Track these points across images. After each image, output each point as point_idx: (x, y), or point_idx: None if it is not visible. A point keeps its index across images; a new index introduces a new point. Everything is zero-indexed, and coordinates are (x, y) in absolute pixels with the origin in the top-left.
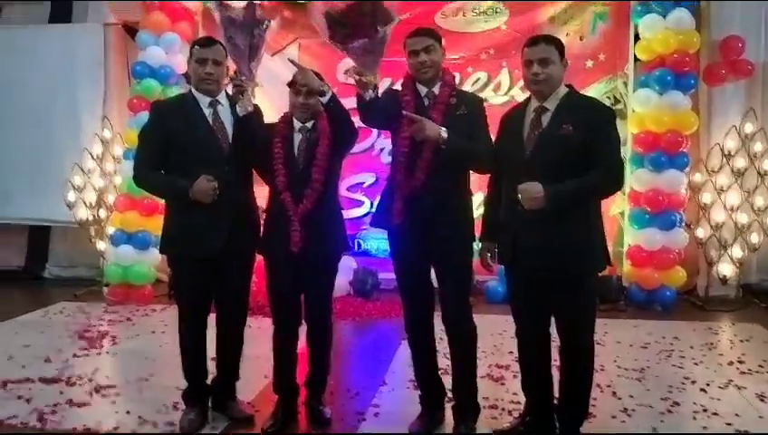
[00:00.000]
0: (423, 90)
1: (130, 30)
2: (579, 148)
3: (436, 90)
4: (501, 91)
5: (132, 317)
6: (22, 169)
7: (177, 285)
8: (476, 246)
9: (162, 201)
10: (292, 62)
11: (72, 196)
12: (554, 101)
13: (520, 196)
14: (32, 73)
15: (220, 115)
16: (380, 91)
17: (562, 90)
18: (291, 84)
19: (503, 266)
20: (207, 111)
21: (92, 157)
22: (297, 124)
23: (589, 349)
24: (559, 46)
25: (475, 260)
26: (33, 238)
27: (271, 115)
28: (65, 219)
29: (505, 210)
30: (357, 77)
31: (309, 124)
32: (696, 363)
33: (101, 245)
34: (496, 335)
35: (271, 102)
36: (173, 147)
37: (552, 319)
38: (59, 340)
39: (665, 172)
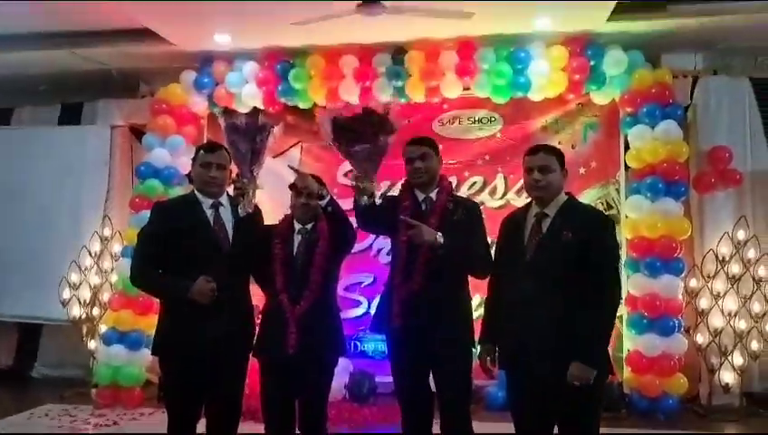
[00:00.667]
0: (421, 195)
1: (137, 132)
2: (577, 253)
3: (433, 195)
4: (497, 195)
5: (120, 421)
6: (19, 266)
7: (168, 387)
8: (476, 350)
9: (157, 300)
10: (291, 167)
11: (67, 293)
12: (554, 208)
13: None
14: (39, 173)
15: (221, 216)
16: (379, 195)
17: (562, 197)
18: (292, 187)
19: (503, 371)
20: (209, 212)
21: (90, 254)
22: (297, 226)
23: None
24: (559, 156)
25: (475, 363)
26: (23, 336)
27: (273, 216)
28: (58, 317)
29: (506, 314)
30: (354, 183)
31: (309, 226)
32: None
33: (92, 344)
34: None
35: (272, 203)
36: (173, 246)
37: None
38: None
39: (661, 277)
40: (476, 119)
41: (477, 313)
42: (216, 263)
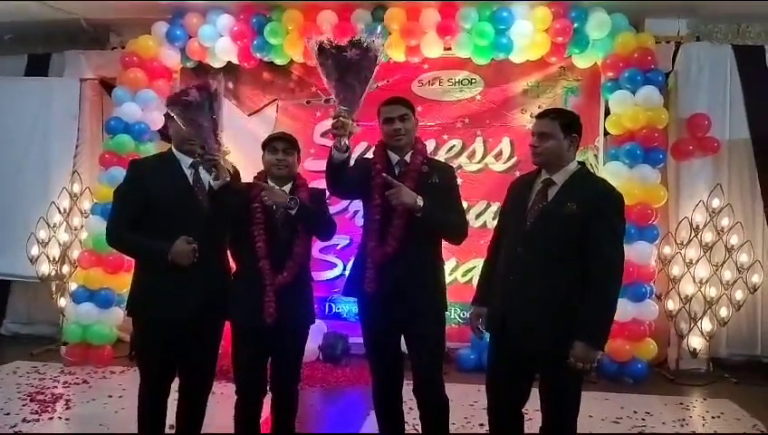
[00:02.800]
0: (395, 157)
1: (107, 85)
2: (580, 227)
3: (407, 158)
4: (475, 159)
5: (89, 379)
6: None
7: (142, 348)
8: (449, 314)
9: (129, 259)
10: (259, 185)
11: (35, 250)
12: (563, 176)
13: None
14: (5, 125)
15: (201, 176)
16: (353, 157)
17: (573, 166)
18: (264, 146)
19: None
20: (188, 172)
21: (59, 211)
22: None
23: (571, 431)
24: (566, 122)
25: (448, 327)
26: None
27: (250, 175)
28: (26, 274)
29: (500, 279)
30: (335, 120)
31: (286, 188)
32: None
33: (62, 302)
34: (467, 407)
35: (248, 161)
36: (151, 206)
37: (532, 399)
38: (9, 403)
39: (635, 244)
40: (457, 80)
41: (452, 277)
42: (196, 224)
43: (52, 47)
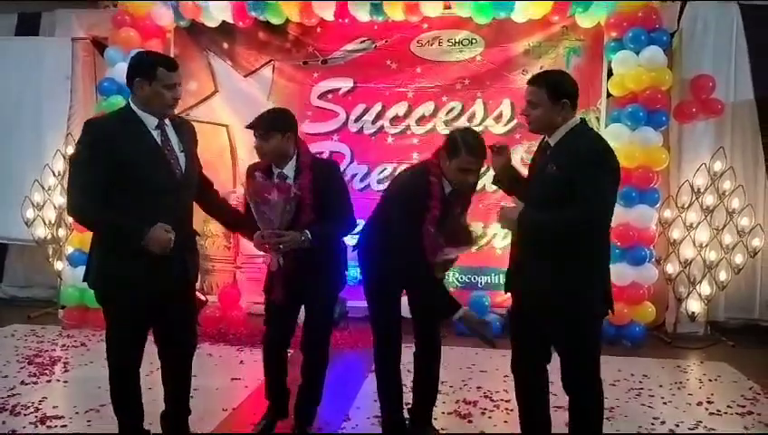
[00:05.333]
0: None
1: (99, 45)
2: (564, 188)
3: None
4: (475, 121)
5: (87, 342)
6: None
7: (115, 326)
8: (447, 278)
9: None
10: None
11: (30, 213)
12: (555, 138)
13: (498, 216)
14: None
15: (170, 138)
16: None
17: (565, 128)
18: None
19: (473, 298)
20: (155, 133)
21: (54, 173)
22: (276, 169)
23: (587, 393)
24: (549, 86)
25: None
26: None
27: (246, 139)
28: (23, 237)
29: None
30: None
31: (286, 170)
32: (665, 403)
33: (59, 265)
34: (464, 370)
35: (242, 122)
36: (119, 171)
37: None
38: (7, 365)
39: (635, 207)
40: (457, 40)
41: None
42: (170, 190)
43: (43, 6)
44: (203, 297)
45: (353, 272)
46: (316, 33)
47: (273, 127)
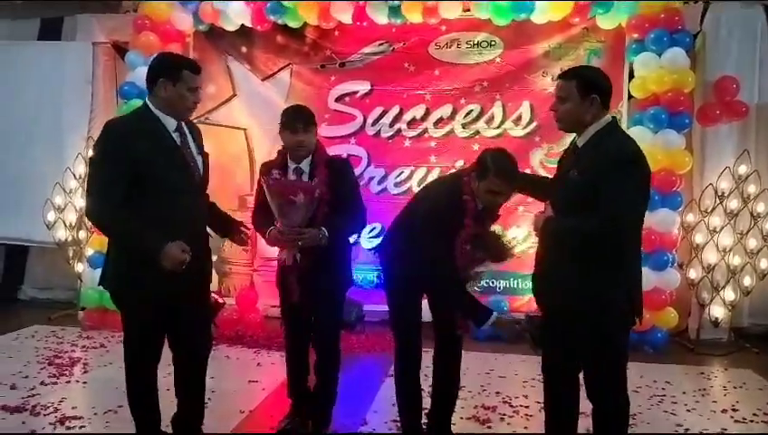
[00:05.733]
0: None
1: (120, 50)
2: (587, 193)
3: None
4: (493, 124)
5: (106, 344)
6: (2, 187)
7: (131, 328)
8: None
9: None
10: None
11: (51, 215)
12: (583, 140)
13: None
14: (18, 90)
15: (188, 141)
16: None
17: (594, 128)
18: (283, 123)
19: (491, 302)
20: (175, 136)
21: (75, 177)
22: (292, 164)
23: (611, 403)
24: (583, 82)
25: None
26: (9, 258)
27: (264, 141)
28: (44, 239)
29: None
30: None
31: (304, 165)
32: (688, 410)
33: (79, 267)
34: (483, 375)
35: (261, 129)
36: (139, 173)
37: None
38: (28, 366)
39: (657, 211)
40: (475, 42)
41: None
42: (190, 192)
43: (65, 11)
44: (221, 300)
45: (370, 276)
46: (334, 36)
47: (314, 121)
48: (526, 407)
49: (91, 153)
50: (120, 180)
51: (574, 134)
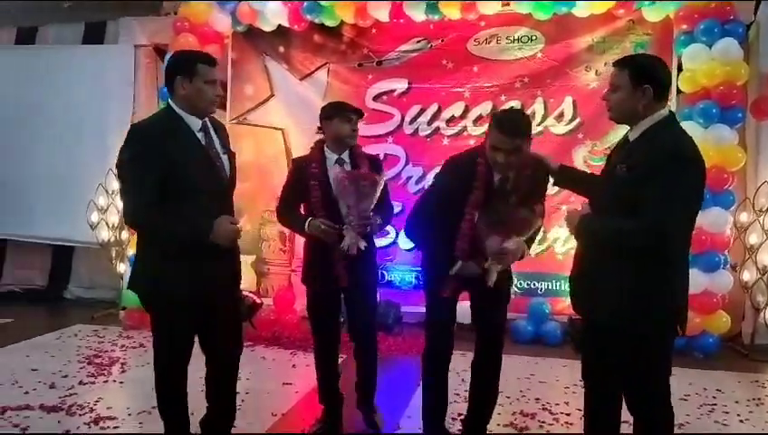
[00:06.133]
0: (333, 156)
1: (161, 52)
2: (633, 192)
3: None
4: (534, 121)
5: (146, 343)
6: (48, 187)
7: (160, 329)
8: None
9: None
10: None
11: (95, 216)
12: (636, 133)
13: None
14: (63, 93)
15: (213, 141)
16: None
17: (648, 122)
18: (331, 114)
19: (532, 305)
20: (200, 136)
21: (117, 178)
22: (332, 156)
23: (653, 417)
24: (635, 70)
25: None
26: (56, 258)
27: (301, 141)
28: (87, 240)
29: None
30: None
31: (344, 156)
32: (741, 421)
33: (122, 267)
34: (523, 380)
35: (298, 128)
36: (166, 174)
37: None
38: (68, 365)
39: (709, 211)
40: (516, 38)
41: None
42: (218, 193)
43: (108, 15)
44: (258, 300)
45: (408, 276)
46: (371, 34)
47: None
48: (567, 414)
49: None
50: (151, 180)
51: (626, 129)
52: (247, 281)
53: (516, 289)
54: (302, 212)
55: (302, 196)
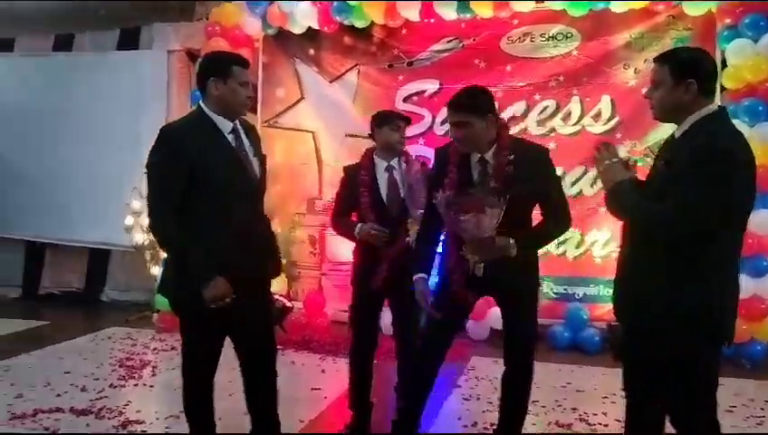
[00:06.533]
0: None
1: (193, 57)
2: (670, 187)
3: (488, 156)
4: (571, 120)
5: (178, 346)
6: (84, 192)
7: (195, 335)
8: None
9: None
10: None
11: (129, 220)
12: (681, 130)
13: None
14: (99, 98)
15: (243, 143)
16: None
17: (693, 118)
18: (380, 122)
19: (570, 310)
20: (230, 137)
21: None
22: (381, 163)
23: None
24: (676, 65)
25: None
26: (92, 261)
27: (332, 144)
28: (123, 243)
29: None
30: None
31: (393, 162)
32: None
33: (155, 270)
34: (559, 388)
35: (328, 132)
36: (196, 178)
37: None
38: (100, 368)
39: (755, 213)
40: (550, 35)
41: (543, 249)
42: (247, 196)
43: (142, 20)
44: (288, 303)
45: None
46: (401, 34)
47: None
48: (605, 425)
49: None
50: (175, 187)
51: (665, 128)
52: (278, 284)
53: (552, 294)
54: (354, 219)
55: (354, 203)
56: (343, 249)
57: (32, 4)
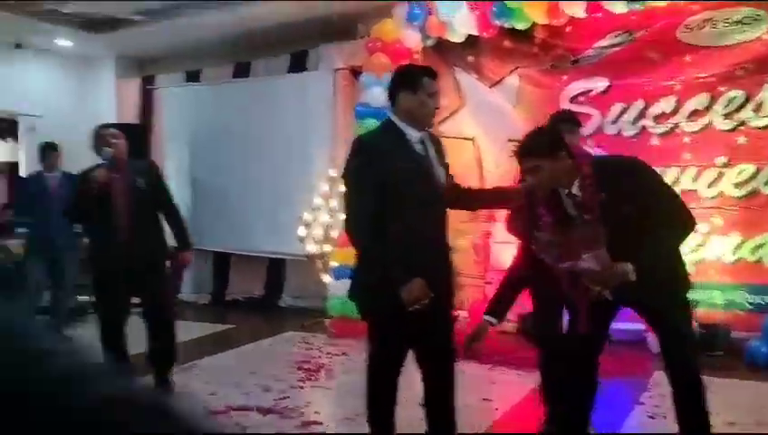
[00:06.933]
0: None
1: (357, 74)
2: None
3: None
4: (762, 111)
5: (349, 351)
6: (262, 206)
7: (375, 340)
8: (734, 298)
9: None
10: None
11: (302, 231)
12: None
13: None
14: (272, 119)
15: (429, 153)
16: None
17: None
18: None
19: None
20: (418, 147)
21: (320, 195)
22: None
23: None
24: None
25: (733, 314)
26: (271, 270)
27: (490, 149)
28: (297, 252)
29: None
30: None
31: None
32: None
33: (327, 278)
34: (758, 408)
35: (487, 137)
36: (389, 187)
37: None
38: (281, 370)
39: None
40: (735, 20)
41: (736, 255)
42: (434, 205)
43: (309, 44)
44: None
45: None
46: (565, 32)
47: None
48: None
49: (333, 173)
50: (372, 195)
51: None
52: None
53: (747, 304)
54: None
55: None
56: (507, 257)
57: (215, 37)
